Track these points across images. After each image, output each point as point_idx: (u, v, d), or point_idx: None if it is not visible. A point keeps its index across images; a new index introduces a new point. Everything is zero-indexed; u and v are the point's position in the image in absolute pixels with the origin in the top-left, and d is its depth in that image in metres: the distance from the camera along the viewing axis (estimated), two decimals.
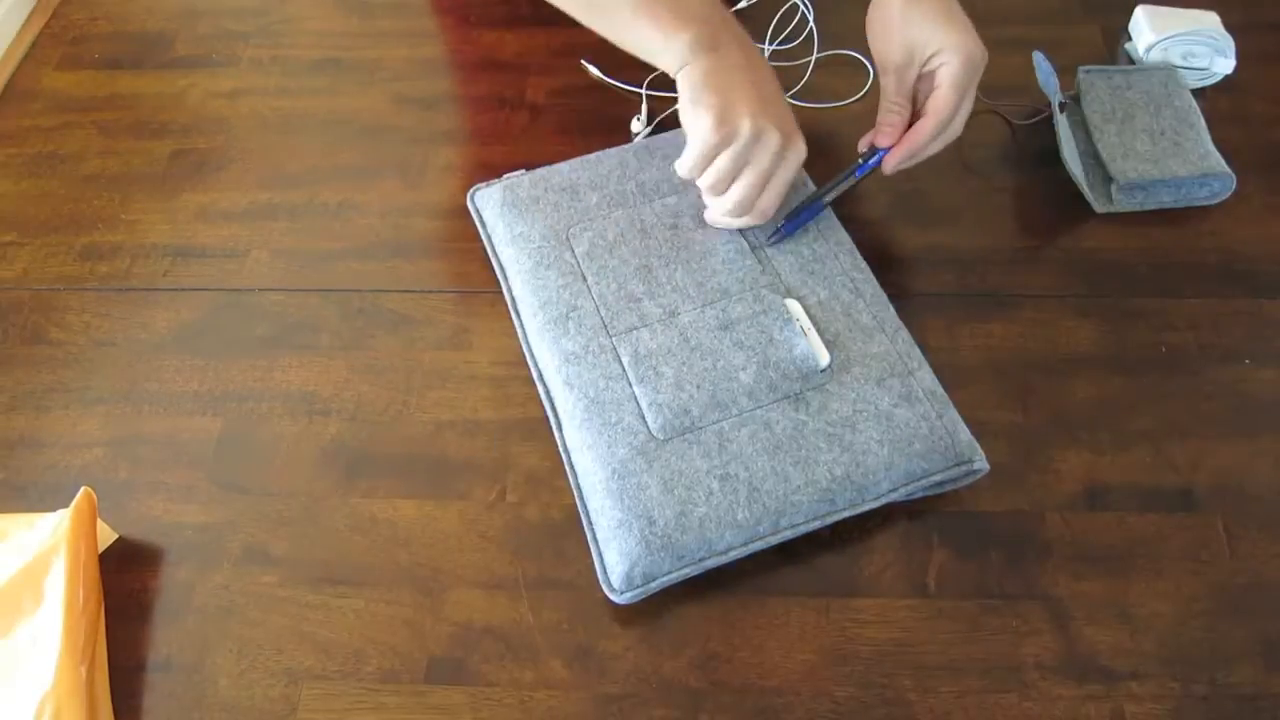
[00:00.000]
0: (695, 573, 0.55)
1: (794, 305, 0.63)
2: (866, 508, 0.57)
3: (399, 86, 0.82)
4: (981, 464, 0.58)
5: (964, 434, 0.59)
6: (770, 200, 0.63)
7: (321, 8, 0.89)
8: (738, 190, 0.62)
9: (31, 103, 0.83)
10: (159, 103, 0.82)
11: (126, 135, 0.80)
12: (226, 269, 0.71)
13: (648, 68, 0.81)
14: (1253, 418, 0.62)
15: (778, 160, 0.60)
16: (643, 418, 0.59)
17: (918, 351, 0.62)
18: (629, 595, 0.54)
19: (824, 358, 0.60)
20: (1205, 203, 0.72)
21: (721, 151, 0.60)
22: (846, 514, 0.57)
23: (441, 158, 0.77)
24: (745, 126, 0.58)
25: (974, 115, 0.78)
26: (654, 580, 0.54)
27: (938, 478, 0.57)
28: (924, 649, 0.54)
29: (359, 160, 0.77)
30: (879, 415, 0.58)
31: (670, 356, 0.61)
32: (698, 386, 0.59)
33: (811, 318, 0.63)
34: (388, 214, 0.74)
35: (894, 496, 0.57)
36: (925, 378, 0.60)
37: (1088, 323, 0.67)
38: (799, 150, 0.61)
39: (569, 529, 0.58)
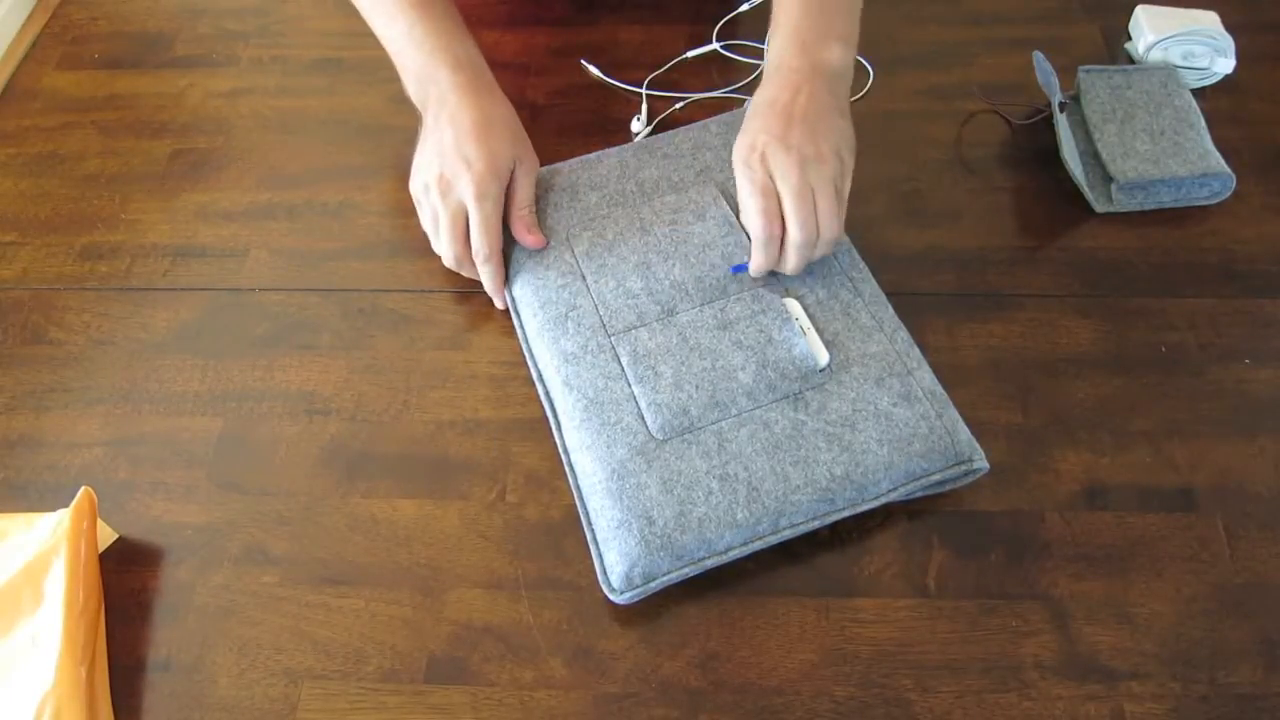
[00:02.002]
0: (695, 573, 0.55)
1: (793, 304, 0.63)
2: (866, 507, 0.57)
3: (399, 86, 0.81)
4: (981, 464, 0.58)
5: (964, 433, 0.59)
6: (479, 240, 0.64)
7: (321, 8, 0.89)
8: (441, 245, 0.66)
9: (31, 103, 0.83)
10: (159, 102, 0.82)
11: (126, 135, 0.80)
12: (226, 269, 0.71)
13: (647, 68, 0.82)
14: (1253, 418, 0.62)
15: (457, 202, 0.65)
16: (642, 418, 0.59)
17: (917, 351, 0.62)
18: (629, 595, 0.54)
19: (823, 357, 0.60)
20: (1205, 203, 0.72)
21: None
22: (846, 514, 0.57)
23: None
24: (414, 190, 0.67)
25: (974, 115, 0.78)
26: (654, 580, 0.54)
27: (937, 477, 0.57)
28: (924, 649, 0.54)
29: (359, 160, 0.77)
30: (878, 415, 0.58)
31: (669, 356, 0.61)
32: (696, 386, 0.59)
33: (810, 317, 0.63)
34: (387, 214, 0.74)
35: (893, 496, 0.57)
36: (924, 377, 0.60)
37: (1087, 322, 0.67)
38: (469, 192, 0.64)
39: (569, 529, 0.58)
